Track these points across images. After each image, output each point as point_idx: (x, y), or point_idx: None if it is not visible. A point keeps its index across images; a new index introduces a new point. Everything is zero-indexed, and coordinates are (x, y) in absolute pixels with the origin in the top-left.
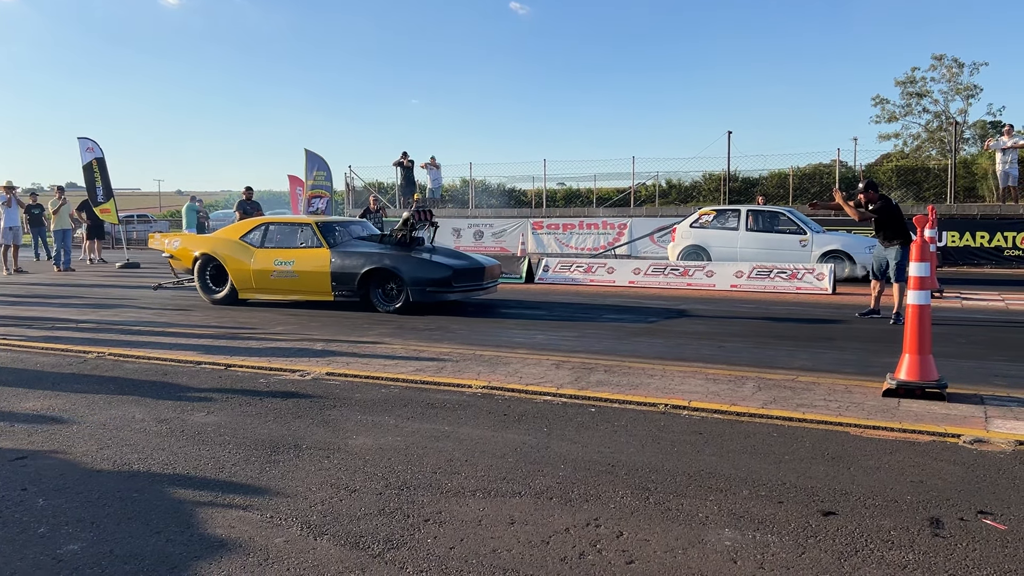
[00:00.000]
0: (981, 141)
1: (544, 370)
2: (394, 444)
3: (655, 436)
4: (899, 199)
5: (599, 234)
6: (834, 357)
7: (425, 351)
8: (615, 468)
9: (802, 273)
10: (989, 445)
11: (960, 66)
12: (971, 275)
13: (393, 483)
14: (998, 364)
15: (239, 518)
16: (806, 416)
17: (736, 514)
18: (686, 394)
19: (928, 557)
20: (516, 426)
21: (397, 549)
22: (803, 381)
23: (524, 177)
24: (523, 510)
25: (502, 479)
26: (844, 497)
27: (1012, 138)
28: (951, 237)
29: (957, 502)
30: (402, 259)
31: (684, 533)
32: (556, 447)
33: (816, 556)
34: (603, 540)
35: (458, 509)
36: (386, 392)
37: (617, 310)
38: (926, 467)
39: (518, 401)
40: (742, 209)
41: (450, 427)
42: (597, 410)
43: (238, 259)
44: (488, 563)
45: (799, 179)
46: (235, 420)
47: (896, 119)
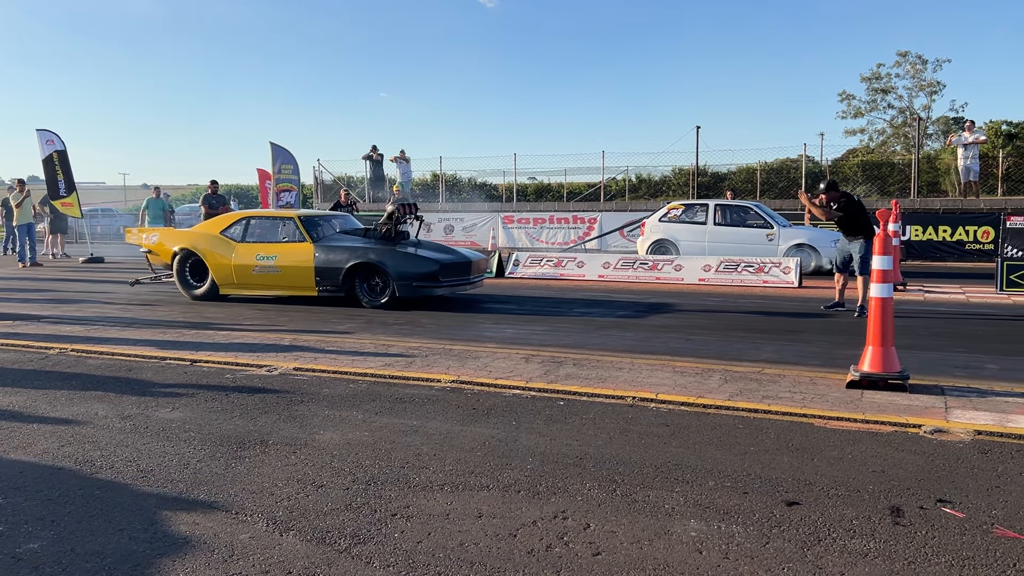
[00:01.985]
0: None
1: (514, 364)
2: (362, 439)
3: (623, 429)
4: (864, 193)
5: (569, 228)
6: (799, 349)
7: (394, 345)
8: (583, 461)
9: (769, 267)
10: (949, 435)
11: (924, 63)
12: (934, 268)
13: (360, 478)
14: (958, 356)
15: (204, 515)
16: (771, 408)
17: (702, 505)
18: (654, 387)
19: (889, 545)
20: (485, 420)
21: (364, 544)
22: (769, 373)
23: (495, 171)
24: (491, 503)
25: (470, 473)
26: (808, 487)
27: (973, 134)
28: (915, 231)
29: (917, 491)
30: (388, 253)
31: (650, 524)
32: (525, 440)
33: (780, 546)
34: (570, 532)
35: (426, 503)
36: (354, 387)
37: (587, 304)
38: (888, 457)
39: (487, 395)
40: (710, 203)
41: (418, 421)
42: (566, 403)
43: (218, 254)
44: (455, 556)
45: (767, 174)
46: (201, 416)
47: (862, 115)
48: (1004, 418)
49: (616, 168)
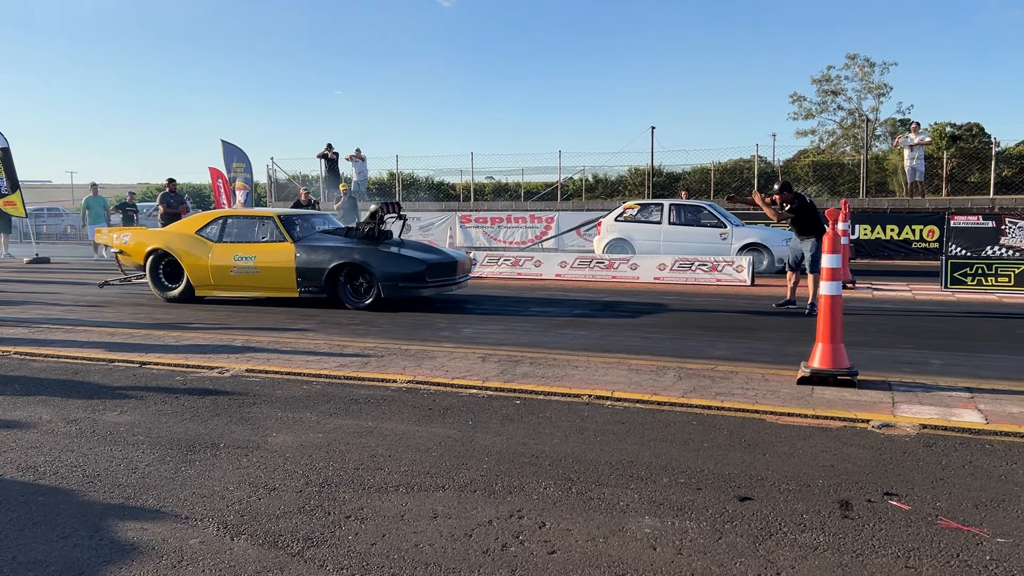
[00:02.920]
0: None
1: (470, 363)
2: (315, 441)
3: (579, 427)
4: (815, 193)
5: (527, 228)
6: (752, 347)
7: (349, 346)
8: (539, 459)
9: (722, 266)
10: (896, 429)
11: (872, 65)
12: (882, 267)
13: (314, 480)
14: (905, 351)
15: (152, 520)
16: (724, 404)
17: (656, 502)
18: (610, 385)
19: (838, 538)
20: (441, 420)
21: (317, 547)
22: (722, 370)
23: (452, 170)
24: (446, 504)
25: (426, 473)
26: (760, 482)
27: (918, 135)
28: (863, 230)
29: (865, 485)
30: (372, 253)
31: (605, 522)
32: (481, 440)
33: (732, 541)
34: (526, 531)
35: (380, 505)
36: (308, 388)
37: (544, 303)
38: (837, 452)
39: (443, 395)
40: (665, 203)
41: (373, 422)
42: (523, 402)
43: (194, 254)
44: (410, 558)
45: (720, 174)
46: (149, 419)
47: (813, 116)
48: (948, 412)
49: (573, 168)
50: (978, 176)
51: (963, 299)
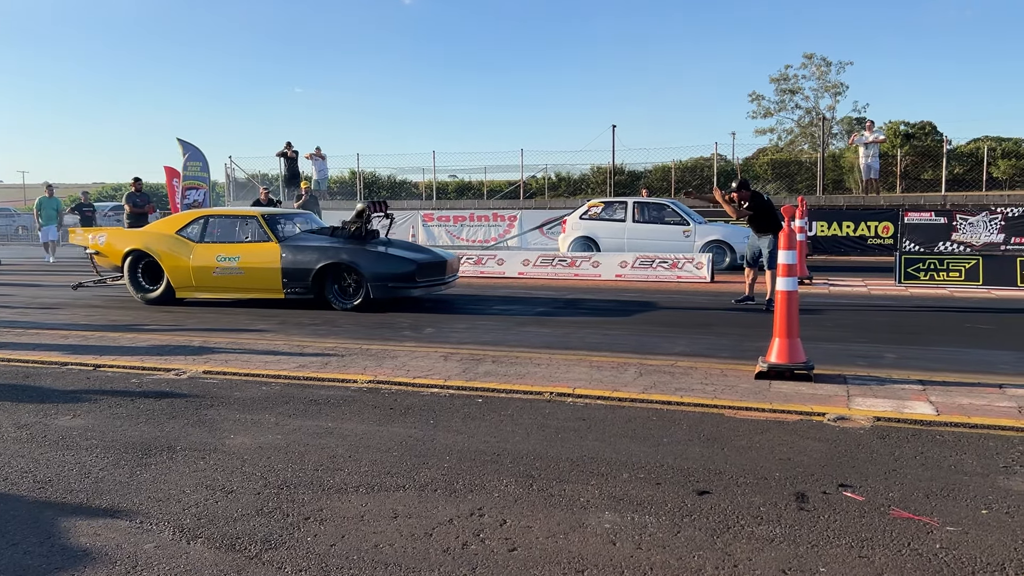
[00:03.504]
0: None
1: (432, 362)
2: (274, 442)
3: (540, 424)
4: (774, 191)
5: (490, 226)
6: (711, 342)
7: (309, 346)
8: (500, 457)
9: (682, 262)
10: (850, 422)
11: (828, 65)
12: (838, 263)
13: (272, 482)
14: (860, 346)
15: (106, 525)
16: (684, 400)
17: (616, 497)
18: (571, 382)
19: (794, 530)
20: (402, 419)
21: (275, 549)
22: (682, 366)
23: (414, 169)
24: (407, 503)
25: (386, 473)
26: (718, 476)
27: (873, 134)
28: (820, 227)
29: (821, 477)
30: (361, 253)
31: (566, 518)
32: (442, 439)
33: (691, 534)
34: (486, 529)
35: (340, 506)
36: (267, 389)
37: (506, 301)
38: (794, 445)
39: (405, 394)
40: (629, 201)
41: (333, 423)
42: (484, 400)
43: (175, 255)
44: (369, 558)
45: (681, 172)
46: (104, 423)
47: (771, 115)
48: (901, 404)
49: (536, 166)
50: (931, 173)
51: (916, 294)
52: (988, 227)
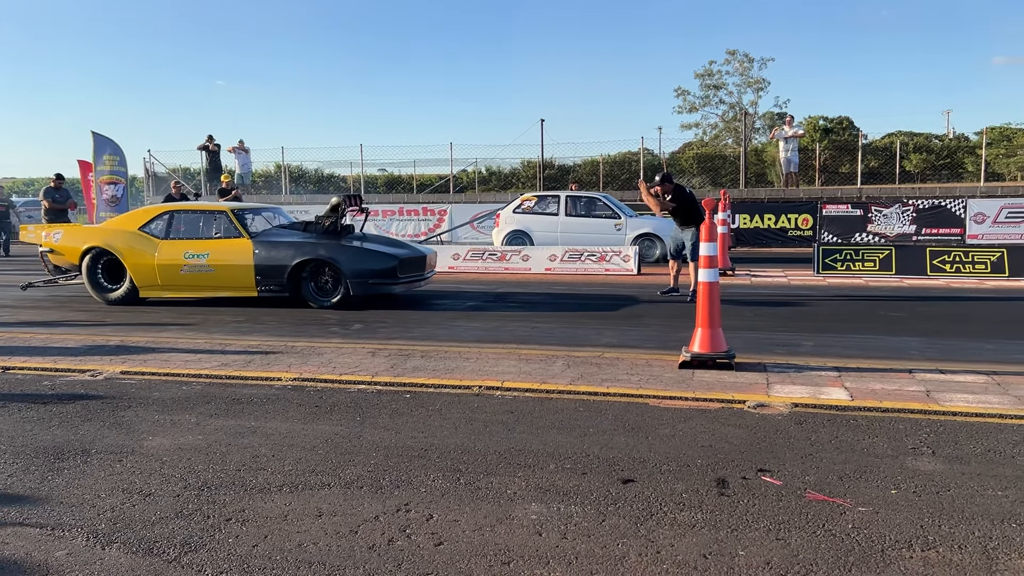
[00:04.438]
0: (770, 131)
1: (359, 359)
2: (195, 443)
3: (469, 418)
4: (699, 185)
5: (420, 220)
6: (638, 333)
7: (232, 344)
8: (428, 452)
9: (610, 255)
10: (769, 408)
11: (750, 61)
12: (760, 254)
13: (193, 484)
14: (779, 334)
15: (15, 533)
16: (610, 390)
17: (543, 488)
18: (500, 375)
19: (714, 515)
20: (328, 417)
21: (195, 552)
22: (608, 357)
23: (342, 162)
24: (332, 501)
25: (311, 472)
26: (642, 465)
27: (792, 128)
28: (743, 219)
29: (741, 463)
30: (339, 249)
31: (493, 511)
32: (369, 435)
33: (615, 522)
34: (413, 524)
35: (263, 506)
36: (187, 389)
37: (437, 295)
38: (715, 432)
39: (331, 391)
40: (561, 195)
41: (257, 422)
42: (412, 396)
43: (139, 253)
44: (293, 558)
45: (609, 166)
46: (13, 427)
47: (696, 109)
48: (818, 391)
49: (466, 160)
50: (848, 167)
51: (833, 283)
52: (901, 219)
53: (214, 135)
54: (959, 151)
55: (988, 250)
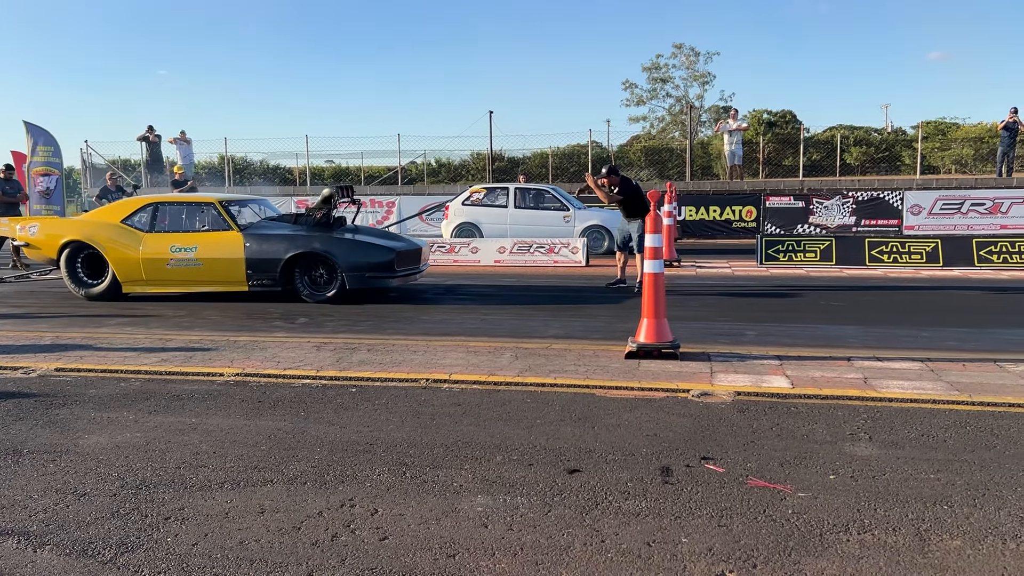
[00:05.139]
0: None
1: (304, 353)
2: (133, 441)
3: (415, 411)
4: (647, 177)
5: (367, 212)
6: (585, 324)
7: (172, 339)
8: (373, 446)
9: (559, 247)
10: (713, 397)
11: (697, 55)
12: (706, 246)
13: (130, 482)
14: (723, 324)
15: None
16: (557, 381)
17: (489, 480)
18: (447, 367)
19: (659, 503)
20: (271, 412)
21: (132, 552)
22: (556, 348)
23: (287, 154)
24: (274, 498)
25: (253, 468)
26: (588, 455)
27: (736, 122)
28: (689, 211)
29: (684, 451)
30: (334, 242)
31: (438, 504)
32: (313, 431)
33: (561, 512)
34: (357, 519)
35: (203, 503)
36: (125, 386)
37: (384, 289)
38: (660, 421)
39: (274, 386)
40: (510, 187)
41: (197, 419)
42: (358, 390)
43: (122, 246)
44: (234, 556)
45: (558, 159)
46: None
47: (644, 103)
48: (759, 379)
49: (414, 152)
50: (791, 160)
51: (776, 274)
52: (841, 210)
53: (154, 126)
54: (897, 144)
55: (924, 241)
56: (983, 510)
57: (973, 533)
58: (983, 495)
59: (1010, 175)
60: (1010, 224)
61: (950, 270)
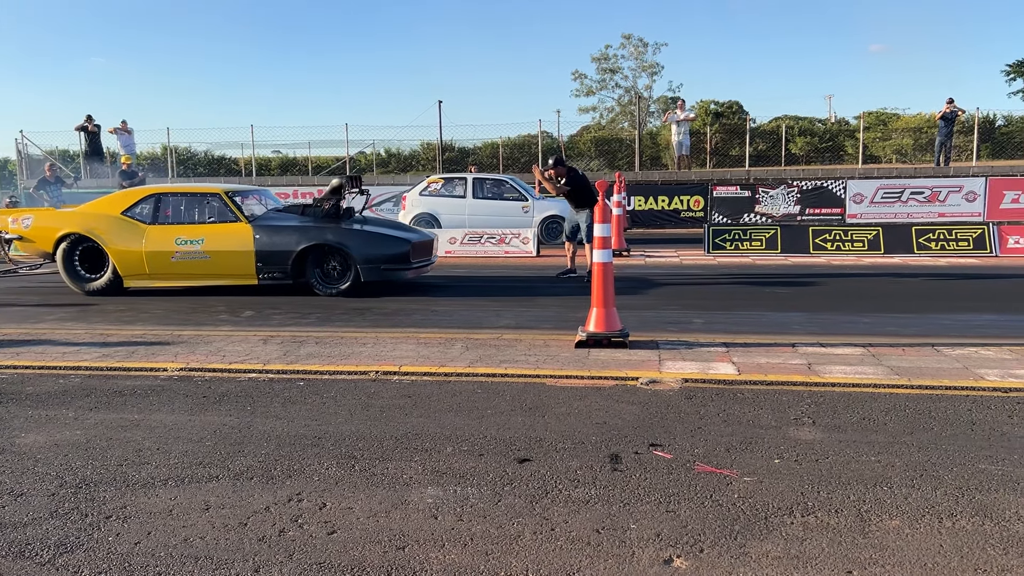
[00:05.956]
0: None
1: (250, 347)
2: (72, 439)
3: (364, 404)
4: (597, 168)
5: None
6: (536, 315)
7: (114, 335)
8: (322, 440)
9: (510, 238)
10: (661, 384)
11: (645, 45)
12: (655, 235)
13: (69, 482)
14: (672, 312)
15: None
16: (508, 371)
17: (439, 471)
18: (397, 359)
19: (608, 490)
20: (216, 408)
21: (71, 552)
22: (507, 339)
23: (233, 144)
24: (220, 494)
25: (198, 464)
26: (538, 444)
27: (684, 112)
28: (638, 201)
29: (633, 438)
30: (348, 233)
31: (388, 496)
32: (260, 425)
33: (511, 502)
34: (305, 514)
35: (146, 501)
36: (64, 383)
37: None
38: (609, 409)
39: (220, 381)
40: (468, 177)
41: (140, 415)
42: (306, 383)
43: (123, 239)
44: (178, 554)
45: (509, 149)
46: None
47: (593, 93)
48: (707, 366)
49: (363, 142)
50: (738, 150)
51: (723, 262)
52: (786, 199)
53: (93, 115)
54: (840, 134)
55: (865, 229)
56: (921, 490)
57: (911, 513)
58: (921, 476)
59: (947, 164)
60: (948, 212)
61: (891, 257)
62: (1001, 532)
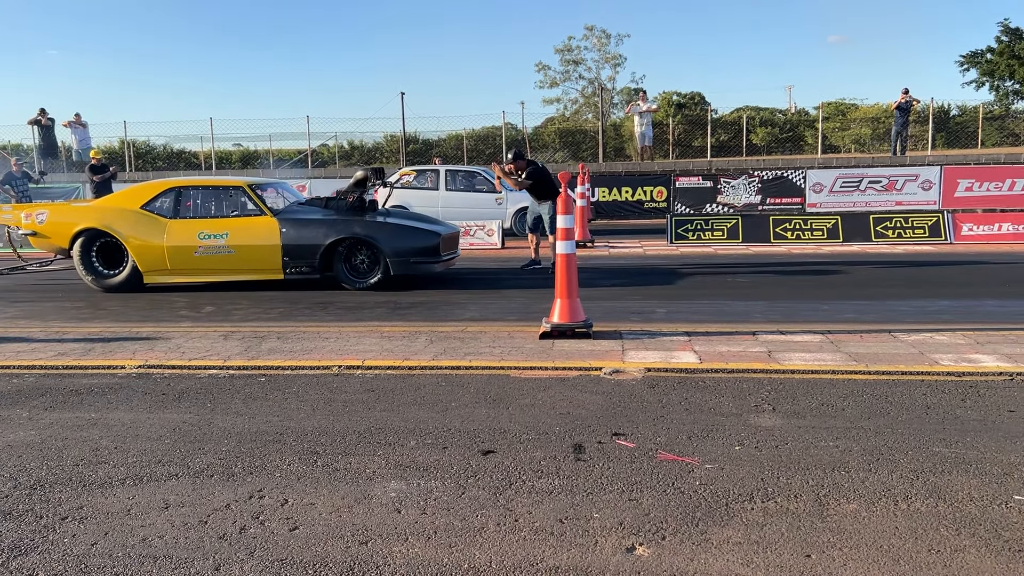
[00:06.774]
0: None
1: (211, 343)
2: (27, 439)
3: (327, 399)
4: (561, 159)
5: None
6: (501, 306)
7: (70, 332)
8: (283, 436)
9: (474, 229)
10: (624, 374)
11: (608, 37)
12: (619, 226)
13: (24, 483)
14: (635, 302)
15: None
16: (473, 363)
17: (403, 465)
18: (361, 354)
19: (571, 480)
20: (176, 405)
21: (26, 555)
22: (471, 331)
23: (192, 137)
24: (180, 492)
25: (157, 463)
26: (503, 435)
27: (647, 103)
28: (602, 193)
29: (597, 428)
30: (377, 226)
31: (351, 491)
32: (220, 422)
33: (475, 494)
34: (267, 511)
35: (103, 501)
36: (19, 382)
37: None
38: (573, 399)
39: (179, 378)
40: (441, 169)
41: (97, 414)
42: (268, 379)
43: (144, 234)
44: (137, 554)
45: (474, 141)
46: None
47: (557, 84)
48: (669, 355)
49: (325, 134)
50: (700, 141)
51: (686, 252)
52: (747, 189)
53: (47, 109)
54: (800, 125)
55: (824, 218)
56: (878, 474)
57: (868, 496)
58: (878, 460)
59: (904, 153)
60: (904, 200)
61: (849, 245)
62: (954, 513)
